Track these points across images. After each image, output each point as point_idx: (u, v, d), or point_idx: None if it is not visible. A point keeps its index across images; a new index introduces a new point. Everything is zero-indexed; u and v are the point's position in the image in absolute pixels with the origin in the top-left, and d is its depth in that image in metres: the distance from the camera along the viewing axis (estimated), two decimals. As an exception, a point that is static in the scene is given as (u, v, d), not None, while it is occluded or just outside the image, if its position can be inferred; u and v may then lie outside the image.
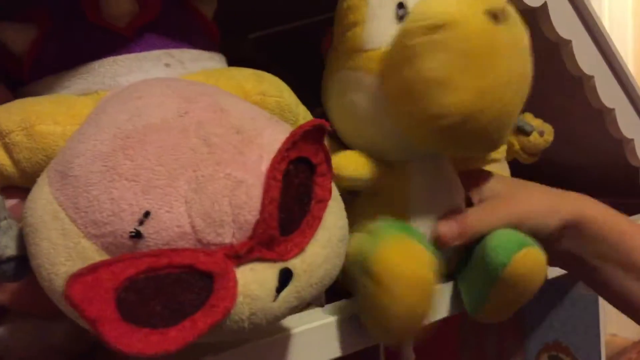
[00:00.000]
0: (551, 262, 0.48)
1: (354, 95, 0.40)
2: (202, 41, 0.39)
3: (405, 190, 0.42)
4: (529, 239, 0.41)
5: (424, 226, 0.42)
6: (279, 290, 0.28)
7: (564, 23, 0.56)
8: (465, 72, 0.35)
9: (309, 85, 0.45)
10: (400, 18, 0.38)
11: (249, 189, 0.28)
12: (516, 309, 0.43)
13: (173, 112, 0.30)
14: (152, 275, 0.25)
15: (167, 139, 0.28)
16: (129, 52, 0.36)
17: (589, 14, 0.58)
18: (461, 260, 0.45)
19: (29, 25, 0.35)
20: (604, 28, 0.59)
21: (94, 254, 0.26)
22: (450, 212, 0.43)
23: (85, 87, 0.35)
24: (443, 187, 0.44)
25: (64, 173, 0.28)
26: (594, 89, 0.60)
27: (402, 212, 0.42)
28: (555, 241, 0.46)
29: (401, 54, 0.36)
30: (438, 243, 0.42)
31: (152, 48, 0.36)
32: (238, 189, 0.27)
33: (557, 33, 0.55)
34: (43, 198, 0.28)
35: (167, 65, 0.36)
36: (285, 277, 0.28)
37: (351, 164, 0.40)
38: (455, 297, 0.45)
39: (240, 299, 0.26)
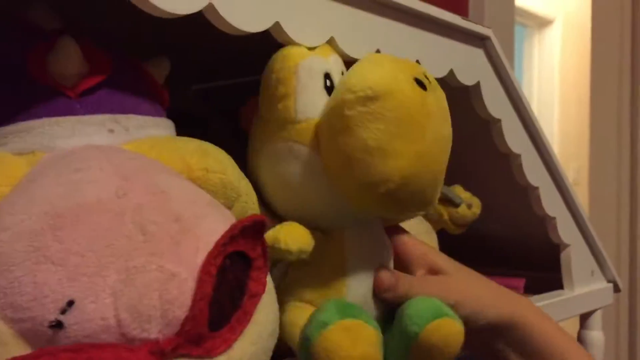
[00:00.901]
0: (474, 350, 0.49)
1: (288, 167, 0.40)
2: (150, 106, 0.38)
3: (341, 256, 0.42)
4: (445, 309, 0.40)
5: (361, 287, 0.42)
6: None
7: (495, 102, 0.58)
8: (401, 138, 0.36)
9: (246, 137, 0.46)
10: (329, 89, 0.40)
11: (181, 283, 0.27)
12: None
13: (110, 192, 0.29)
14: None
15: (101, 223, 0.27)
16: (73, 114, 0.34)
17: (518, 95, 0.60)
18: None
19: None
20: (531, 110, 0.62)
21: (9, 339, 0.25)
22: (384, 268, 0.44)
23: (21, 147, 0.33)
24: (376, 248, 0.44)
25: None
26: (520, 167, 0.62)
27: (338, 277, 0.42)
28: (486, 335, 0.47)
29: (339, 124, 0.37)
30: (375, 289, 0.43)
31: (97, 112, 0.35)
32: (170, 283, 0.27)
33: (488, 111, 0.57)
34: None
35: (110, 131, 0.35)
36: None
37: (298, 238, 0.39)
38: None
39: None
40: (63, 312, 0.25)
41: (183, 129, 0.73)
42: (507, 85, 0.60)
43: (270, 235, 0.38)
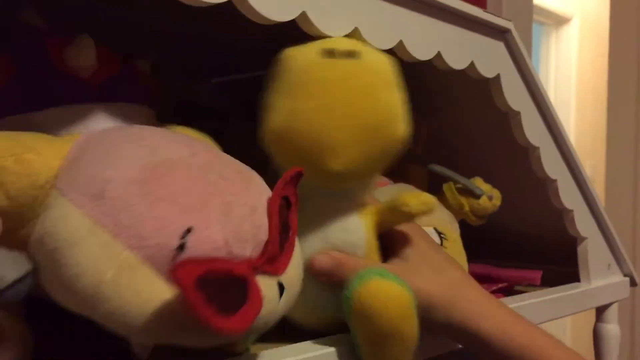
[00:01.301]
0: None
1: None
2: (141, 96, 0.44)
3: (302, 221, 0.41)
4: (385, 273, 0.39)
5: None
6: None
7: (515, 95, 0.59)
8: (281, 96, 0.41)
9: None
10: None
11: (261, 215, 0.34)
12: (397, 349, 0.40)
13: (184, 153, 0.34)
14: (209, 276, 0.28)
15: (190, 172, 0.33)
16: (97, 100, 0.39)
17: (538, 88, 0.61)
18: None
19: None
20: (550, 102, 0.63)
21: (136, 263, 0.30)
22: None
23: (55, 128, 0.37)
24: (331, 227, 0.44)
25: (97, 196, 0.31)
26: (538, 159, 0.62)
27: None
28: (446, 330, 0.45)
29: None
30: (309, 270, 0.42)
31: (116, 100, 0.40)
32: (254, 214, 0.33)
33: (507, 104, 0.58)
34: (72, 217, 0.31)
35: (127, 116, 0.40)
36: (281, 288, 0.34)
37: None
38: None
39: None
40: (182, 237, 0.30)
41: (204, 121, 0.74)
42: (527, 78, 0.60)
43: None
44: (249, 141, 0.53)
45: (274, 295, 0.33)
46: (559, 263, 0.74)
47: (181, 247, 0.30)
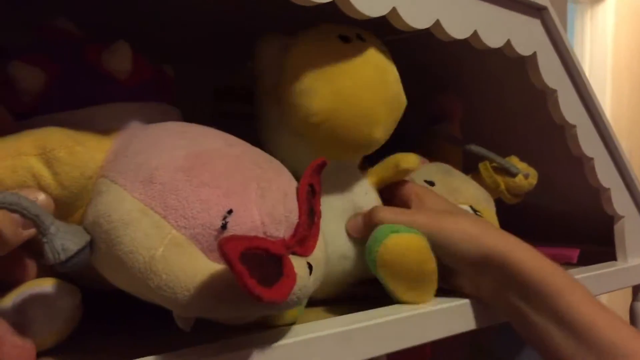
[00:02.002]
0: (482, 299, 0.50)
1: (272, 124, 0.49)
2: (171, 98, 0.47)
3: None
4: (403, 228, 0.46)
5: (331, 223, 0.49)
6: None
7: (551, 73, 0.59)
8: (320, 80, 0.44)
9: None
10: None
11: (292, 199, 0.37)
12: (425, 283, 0.47)
13: (222, 144, 0.38)
14: (249, 253, 0.31)
15: (229, 160, 0.36)
16: (132, 100, 0.42)
17: (575, 66, 0.61)
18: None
19: (36, 68, 0.39)
20: (587, 80, 0.63)
21: (184, 242, 0.32)
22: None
23: (97, 124, 0.39)
24: (349, 191, 0.51)
25: (147, 181, 0.34)
26: (575, 137, 0.62)
27: None
28: (480, 273, 0.47)
29: (282, 73, 0.46)
30: (349, 232, 0.49)
31: (150, 100, 0.43)
32: (286, 198, 0.36)
33: (544, 82, 0.58)
34: (126, 200, 0.34)
35: (161, 115, 0.43)
36: (310, 268, 0.36)
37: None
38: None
39: None
40: (225, 218, 0.33)
41: (238, 104, 0.76)
42: (564, 55, 0.60)
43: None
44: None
45: (304, 273, 0.35)
46: (595, 242, 0.74)
47: (223, 227, 0.33)
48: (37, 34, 0.43)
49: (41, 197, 0.34)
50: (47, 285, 0.36)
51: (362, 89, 0.45)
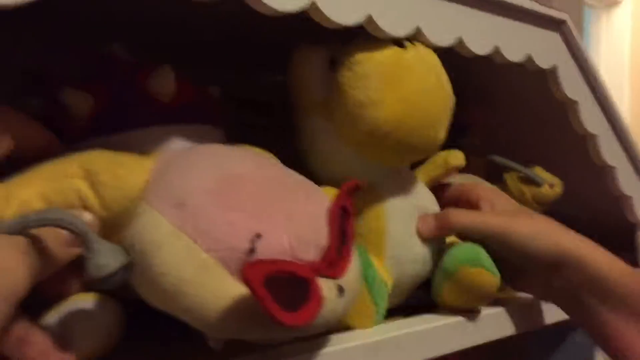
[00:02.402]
0: (550, 299, 0.52)
1: (318, 138, 0.49)
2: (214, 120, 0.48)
3: (380, 206, 0.49)
4: (484, 258, 0.48)
5: (399, 229, 0.49)
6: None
7: (572, 85, 0.60)
8: (384, 90, 0.43)
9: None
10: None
11: (322, 222, 0.37)
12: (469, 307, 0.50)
13: (252, 167, 0.39)
14: (275, 276, 0.31)
15: (259, 184, 0.37)
16: (175, 122, 0.43)
17: (595, 77, 0.62)
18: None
19: (86, 93, 0.41)
20: (607, 90, 0.63)
21: (213, 265, 0.33)
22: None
23: (141, 148, 0.41)
24: (413, 196, 0.51)
25: (179, 205, 0.35)
26: (597, 147, 0.63)
27: (378, 223, 0.49)
28: (553, 273, 0.49)
29: (336, 87, 0.45)
30: (420, 233, 0.50)
31: (192, 122, 0.44)
32: (316, 222, 0.37)
33: (564, 94, 0.59)
34: (160, 224, 0.35)
35: (202, 137, 0.44)
36: (341, 290, 0.36)
37: None
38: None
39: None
40: (253, 242, 0.33)
41: (261, 117, 0.77)
42: (584, 67, 0.61)
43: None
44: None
45: (332, 294, 0.36)
46: (616, 250, 0.74)
47: (252, 251, 0.33)
48: (94, 60, 0.45)
49: (88, 217, 0.36)
50: (90, 300, 0.37)
51: (426, 92, 0.45)
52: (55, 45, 0.55)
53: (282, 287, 0.31)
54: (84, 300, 0.37)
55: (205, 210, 0.35)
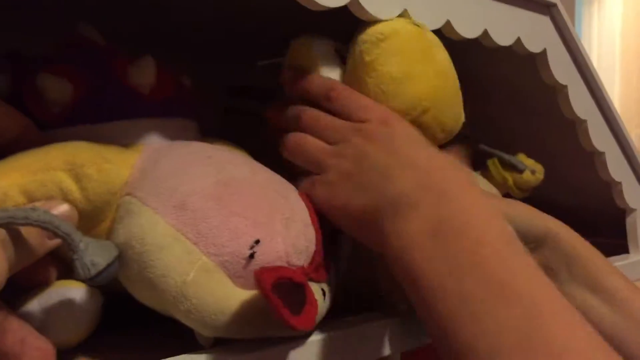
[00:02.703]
0: None
1: None
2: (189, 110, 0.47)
3: None
4: None
5: None
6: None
7: (561, 69, 0.59)
8: (419, 62, 0.43)
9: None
10: (343, 60, 0.47)
11: (311, 229, 0.39)
12: None
13: (247, 172, 0.39)
14: (277, 282, 0.32)
15: (255, 190, 0.38)
16: (156, 115, 0.43)
17: (585, 61, 0.61)
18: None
19: (64, 79, 0.40)
20: (597, 75, 0.63)
21: (213, 268, 0.34)
22: None
23: (122, 139, 0.40)
24: None
25: (179, 207, 0.35)
26: (586, 132, 0.63)
27: None
28: (537, 248, 0.50)
29: (364, 70, 0.43)
30: None
31: (172, 115, 0.44)
32: (307, 229, 0.38)
33: (554, 78, 0.58)
34: (159, 225, 0.35)
35: (183, 130, 0.44)
36: (324, 293, 0.38)
37: None
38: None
39: None
40: (252, 247, 0.34)
41: (252, 101, 0.76)
42: (573, 51, 0.60)
43: None
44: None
45: (320, 298, 0.37)
46: (607, 235, 0.74)
47: (251, 256, 0.34)
48: (63, 43, 0.44)
49: (66, 208, 0.35)
50: (72, 287, 0.37)
51: (450, 65, 0.45)
52: (28, 24, 0.54)
53: (281, 290, 0.32)
54: (65, 288, 0.37)
55: (206, 215, 0.35)
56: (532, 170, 0.66)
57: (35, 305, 0.36)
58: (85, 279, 0.33)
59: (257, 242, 0.34)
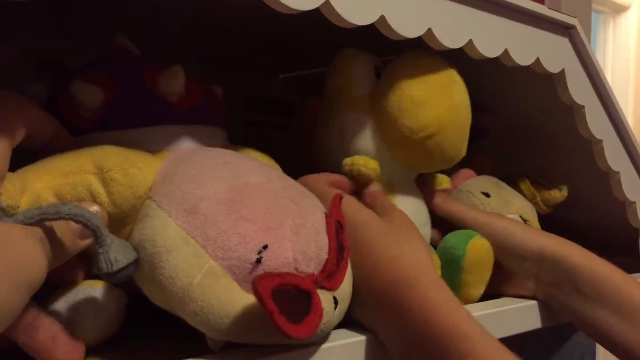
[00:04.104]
0: (540, 296, 0.55)
1: (351, 132, 0.53)
2: (217, 119, 0.48)
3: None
4: (473, 232, 0.53)
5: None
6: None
7: (579, 89, 0.60)
8: (438, 95, 0.49)
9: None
10: (378, 76, 0.53)
11: (323, 237, 0.38)
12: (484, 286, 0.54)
13: (262, 178, 0.39)
14: (280, 288, 0.32)
15: (268, 196, 0.38)
16: (183, 122, 0.44)
17: (602, 82, 0.62)
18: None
19: (96, 86, 0.41)
20: (614, 96, 0.64)
21: (220, 272, 0.34)
22: None
23: (148, 145, 0.41)
24: (418, 203, 0.56)
25: (190, 211, 0.36)
26: (602, 152, 0.64)
27: None
28: (537, 268, 0.53)
29: (391, 86, 0.50)
30: (432, 204, 0.57)
31: (198, 123, 0.45)
32: (318, 236, 0.38)
33: (572, 98, 0.59)
34: (170, 228, 0.36)
35: (210, 138, 0.45)
36: (335, 302, 0.37)
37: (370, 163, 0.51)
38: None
39: None
40: (260, 252, 0.35)
41: (270, 115, 0.78)
42: (591, 72, 0.61)
43: (348, 160, 0.50)
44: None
45: (330, 307, 0.37)
46: (621, 254, 0.74)
47: (258, 261, 0.34)
48: (99, 51, 0.45)
49: (96, 208, 0.37)
50: (97, 287, 0.38)
51: (466, 108, 0.51)
52: (63, 33, 0.56)
53: (286, 297, 0.32)
54: (91, 288, 0.38)
55: (215, 219, 0.35)
56: (560, 188, 0.69)
57: (62, 303, 0.37)
58: (106, 273, 0.34)
59: (265, 247, 0.35)
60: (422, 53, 0.51)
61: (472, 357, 0.35)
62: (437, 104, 0.49)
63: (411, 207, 0.54)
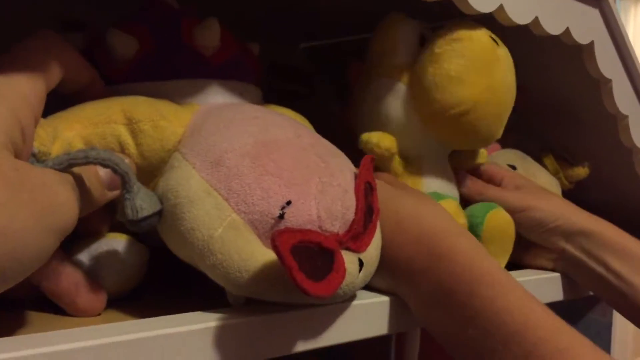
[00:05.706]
0: (560, 269, 0.56)
1: (386, 99, 0.52)
2: (252, 75, 0.47)
3: (419, 177, 0.54)
4: (496, 205, 0.53)
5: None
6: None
7: (607, 62, 0.59)
8: (476, 72, 0.47)
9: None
10: (422, 44, 0.52)
11: (351, 196, 0.38)
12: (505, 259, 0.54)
13: (291, 134, 0.39)
14: (301, 245, 0.32)
15: (295, 152, 0.37)
16: (216, 77, 0.43)
17: (630, 56, 0.61)
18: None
19: (132, 37, 0.41)
20: (641, 70, 0.63)
21: (241, 226, 0.34)
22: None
23: (179, 98, 0.41)
24: (446, 177, 0.55)
25: (215, 163, 0.36)
26: (627, 128, 0.63)
27: None
28: (563, 247, 0.54)
29: (430, 57, 0.49)
30: (467, 191, 0.57)
31: (231, 78, 0.44)
32: (345, 195, 0.37)
33: (600, 71, 0.58)
34: (193, 179, 0.35)
35: (241, 94, 0.44)
36: (361, 264, 0.37)
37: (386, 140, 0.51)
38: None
39: None
40: (283, 208, 0.34)
41: (290, 84, 0.77)
42: (620, 46, 0.60)
43: (365, 136, 0.51)
44: (331, 101, 0.56)
45: (354, 269, 0.36)
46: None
47: (281, 217, 0.34)
48: (141, 4, 0.45)
49: (127, 160, 0.36)
50: (121, 240, 0.38)
51: (506, 88, 0.49)
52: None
53: (307, 255, 0.32)
54: (115, 240, 0.38)
55: (239, 172, 0.35)
56: (583, 164, 0.70)
57: (85, 254, 0.37)
58: (131, 220, 0.34)
59: (289, 203, 0.34)
60: (468, 24, 0.49)
61: (500, 302, 0.36)
62: (474, 81, 0.47)
63: (439, 189, 0.54)
